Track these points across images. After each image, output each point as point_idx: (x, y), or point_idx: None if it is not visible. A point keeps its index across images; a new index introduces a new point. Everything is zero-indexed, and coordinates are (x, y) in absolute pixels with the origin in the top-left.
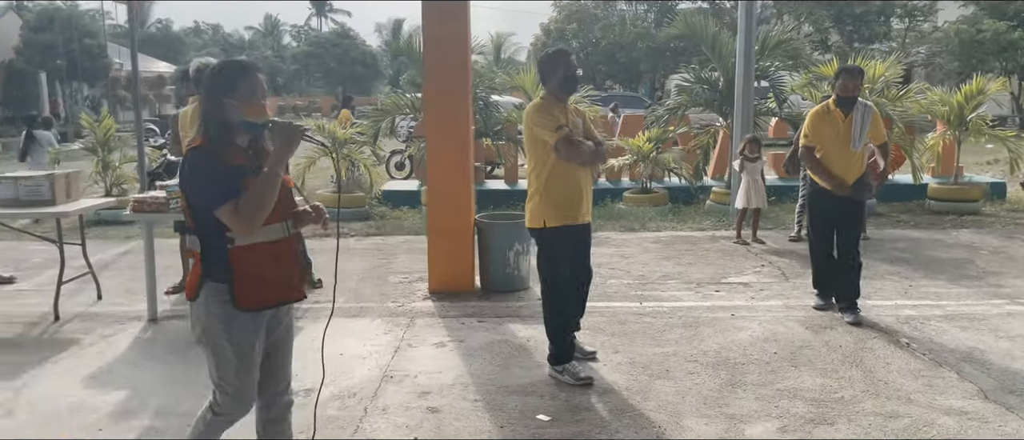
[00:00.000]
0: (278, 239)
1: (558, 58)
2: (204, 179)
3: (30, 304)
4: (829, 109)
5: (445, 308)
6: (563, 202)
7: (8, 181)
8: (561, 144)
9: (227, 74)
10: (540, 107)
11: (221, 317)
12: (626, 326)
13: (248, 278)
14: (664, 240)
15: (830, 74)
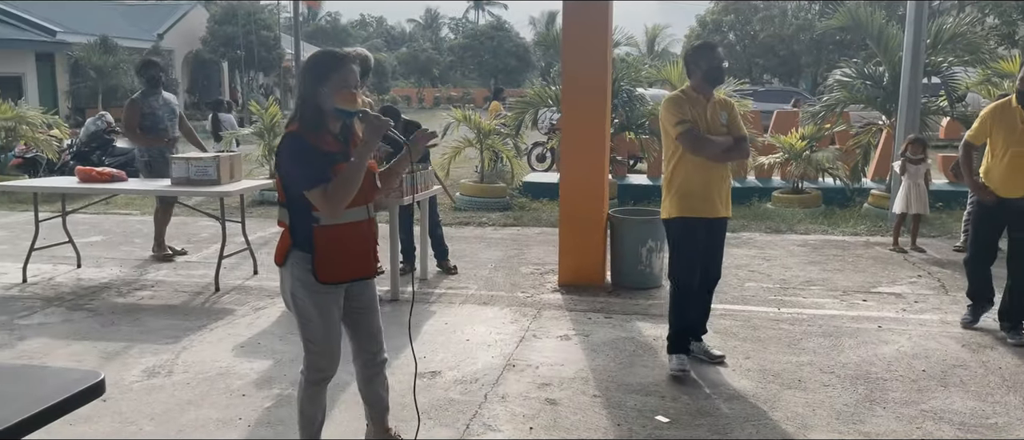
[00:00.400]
0: (359, 220)
1: (703, 51)
2: (296, 162)
3: (196, 275)
4: (1010, 105)
5: (573, 301)
6: (688, 194)
7: (181, 161)
8: (682, 138)
9: (321, 64)
10: (672, 100)
11: (304, 283)
12: (760, 332)
13: (328, 254)
14: (812, 244)
15: (1014, 71)
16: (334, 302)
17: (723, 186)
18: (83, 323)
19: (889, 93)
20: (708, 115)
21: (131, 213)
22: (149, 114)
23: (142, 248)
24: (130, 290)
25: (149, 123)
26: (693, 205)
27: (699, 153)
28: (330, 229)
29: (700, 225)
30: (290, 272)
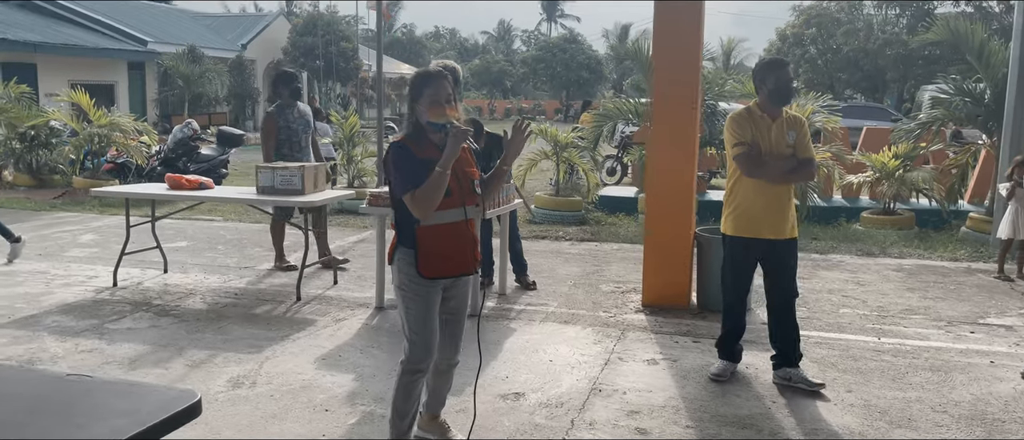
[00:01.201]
0: (456, 221)
1: (770, 68)
2: (396, 168)
3: (277, 283)
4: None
5: (658, 323)
6: (743, 213)
7: (267, 170)
8: (738, 161)
9: (417, 82)
10: (733, 118)
11: (409, 276)
12: (861, 363)
13: (429, 252)
14: (908, 268)
15: None
16: (434, 297)
17: (785, 208)
18: (169, 329)
19: (991, 111)
20: (772, 135)
21: (214, 219)
22: (285, 128)
23: (225, 254)
24: (214, 297)
25: (284, 137)
26: (750, 225)
27: (755, 175)
28: (430, 229)
29: (758, 246)
30: (398, 267)
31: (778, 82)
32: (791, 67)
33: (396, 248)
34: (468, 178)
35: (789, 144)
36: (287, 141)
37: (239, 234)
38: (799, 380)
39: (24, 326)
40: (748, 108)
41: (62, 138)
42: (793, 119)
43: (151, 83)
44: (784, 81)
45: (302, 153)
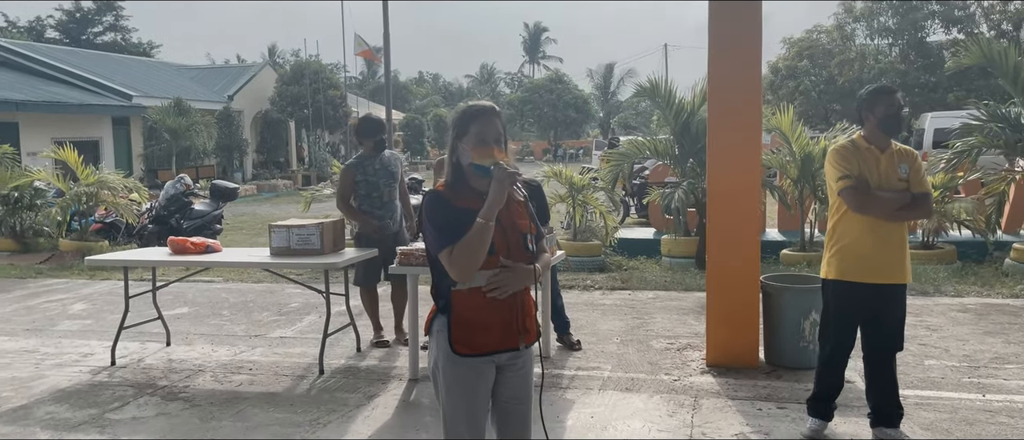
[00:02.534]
0: None
1: (877, 95)
2: (430, 221)
3: (294, 354)
4: None
5: (731, 387)
6: (850, 254)
7: (281, 229)
8: (845, 194)
9: (462, 117)
10: (837, 150)
11: (444, 354)
12: (975, 427)
13: (463, 322)
14: (974, 308)
15: None
16: (476, 382)
17: (898, 248)
18: (180, 417)
19: None
20: (881, 167)
21: (213, 280)
22: (363, 182)
23: (231, 320)
24: (226, 373)
25: (364, 192)
26: (857, 268)
27: (865, 211)
28: (467, 294)
29: (865, 291)
30: (435, 340)
31: (889, 109)
32: (899, 94)
33: (433, 318)
34: (517, 231)
35: (902, 177)
36: (367, 197)
37: (243, 296)
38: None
39: (13, 420)
40: (853, 140)
41: (47, 198)
42: (904, 152)
43: (136, 138)
44: (895, 109)
45: (384, 209)
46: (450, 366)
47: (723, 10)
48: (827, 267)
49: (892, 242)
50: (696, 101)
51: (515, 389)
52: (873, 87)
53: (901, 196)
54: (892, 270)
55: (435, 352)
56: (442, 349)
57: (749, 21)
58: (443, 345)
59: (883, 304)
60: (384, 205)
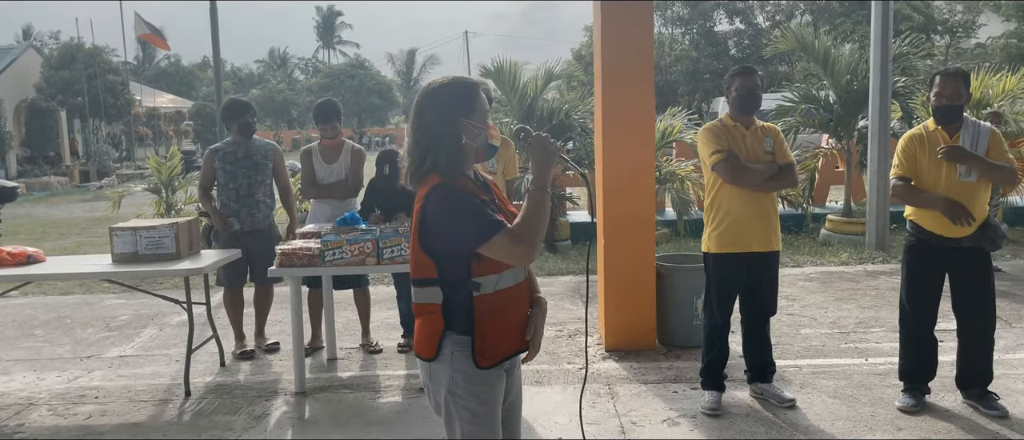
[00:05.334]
0: (519, 282)
1: (732, 77)
2: (461, 215)
3: (143, 374)
4: (926, 130)
5: (639, 371)
6: (730, 227)
7: (126, 233)
8: (718, 168)
9: (463, 92)
10: (707, 130)
11: (467, 375)
12: (875, 391)
13: (491, 330)
14: (817, 277)
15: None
16: (498, 390)
17: (772, 217)
18: None
19: (839, 117)
20: (748, 143)
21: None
22: (222, 170)
23: (50, 341)
24: (66, 405)
25: (222, 181)
26: (738, 239)
27: (737, 182)
28: (493, 297)
29: (742, 260)
30: (450, 364)
31: (740, 90)
32: (759, 75)
33: (443, 337)
34: (513, 218)
35: (767, 151)
36: (224, 187)
37: (55, 312)
38: (771, 396)
39: None
40: (721, 119)
41: None
42: (766, 128)
43: None
44: (745, 89)
45: (241, 203)
46: (472, 386)
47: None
48: (707, 241)
49: (764, 212)
50: (539, 85)
51: (516, 391)
52: (733, 68)
53: (769, 167)
54: (765, 238)
55: (449, 377)
56: (460, 369)
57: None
58: (462, 364)
59: (758, 271)
60: (242, 199)
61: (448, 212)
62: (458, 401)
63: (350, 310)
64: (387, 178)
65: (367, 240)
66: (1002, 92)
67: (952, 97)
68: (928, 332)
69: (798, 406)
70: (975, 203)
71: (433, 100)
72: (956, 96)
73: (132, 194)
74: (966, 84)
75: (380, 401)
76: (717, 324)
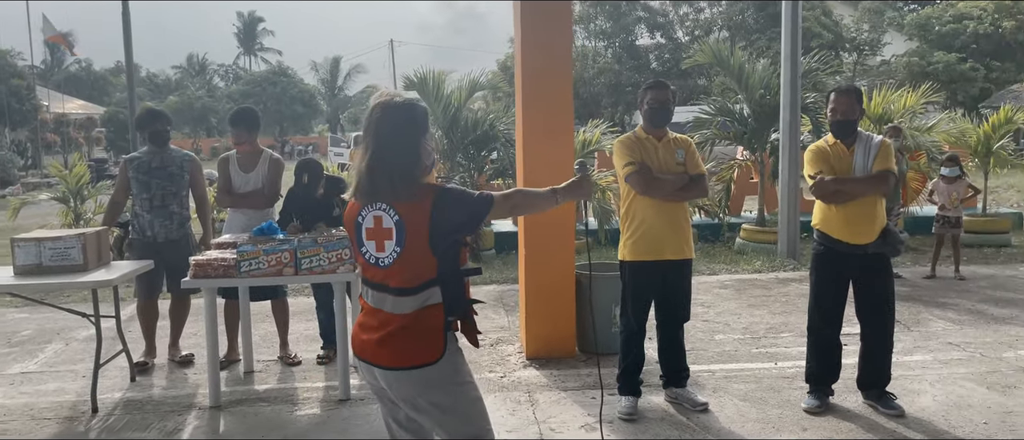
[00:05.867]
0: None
1: (644, 91)
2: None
3: (47, 391)
4: (828, 143)
5: (559, 378)
6: (644, 235)
7: (29, 244)
8: (631, 179)
9: (421, 113)
10: (620, 142)
11: (462, 359)
12: (782, 394)
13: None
14: (731, 284)
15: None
16: None
17: (684, 226)
18: None
19: (752, 130)
20: (660, 154)
21: None
22: (135, 179)
23: None
24: None
25: (135, 191)
26: (652, 247)
27: (649, 193)
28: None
29: (656, 268)
30: (452, 357)
31: (652, 104)
32: (671, 89)
33: (446, 334)
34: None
35: (679, 162)
36: (137, 197)
37: None
38: (685, 400)
39: None
40: (635, 131)
41: None
42: (677, 139)
43: None
44: (656, 103)
45: (154, 214)
46: (466, 367)
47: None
48: (623, 249)
49: (676, 222)
50: (463, 95)
51: None
52: (646, 82)
53: (680, 178)
54: (678, 247)
55: (449, 370)
56: (458, 357)
57: (559, 17)
58: (457, 352)
59: (672, 278)
60: (155, 209)
61: (461, 204)
62: (463, 389)
63: (269, 322)
64: (306, 187)
65: (284, 250)
66: (903, 108)
67: (846, 112)
68: (834, 336)
69: (710, 409)
70: (874, 211)
71: (393, 121)
72: (850, 111)
73: (36, 203)
74: (859, 100)
75: (298, 414)
76: (633, 330)
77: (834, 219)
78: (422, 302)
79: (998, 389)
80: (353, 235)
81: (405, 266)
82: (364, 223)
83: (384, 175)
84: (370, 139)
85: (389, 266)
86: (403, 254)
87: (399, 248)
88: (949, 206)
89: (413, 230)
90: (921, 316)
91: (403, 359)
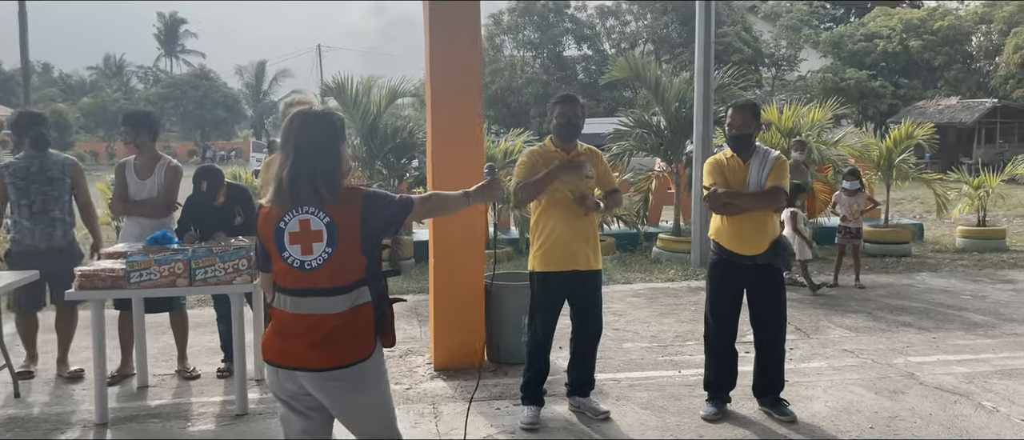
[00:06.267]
0: None
1: (553, 105)
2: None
3: None
4: (725, 156)
5: (465, 389)
6: (553, 246)
7: None
8: (517, 191)
9: (339, 122)
10: (526, 153)
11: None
12: (683, 401)
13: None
14: (644, 293)
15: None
16: None
17: (593, 237)
18: None
19: (669, 142)
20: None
21: None
22: (12, 186)
23: None
24: None
25: (13, 198)
26: (562, 258)
27: (528, 203)
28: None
29: (564, 279)
30: (378, 352)
31: (560, 118)
32: (576, 105)
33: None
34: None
35: (588, 175)
36: (16, 204)
37: None
38: (588, 409)
39: None
40: (543, 143)
41: None
42: (590, 152)
43: None
44: (564, 118)
45: (35, 221)
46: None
47: (442, 10)
48: (533, 259)
49: (584, 233)
50: (383, 103)
51: None
52: (557, 95)
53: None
54: (586, 258)
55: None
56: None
57: (468, 20)
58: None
59: (582, 289)
60: (35, 216)
61: (386, 206)
62: (385, 385)
63: (169, 334)
64: (205, 195)
65: (178, 260)
66: (811, 122)
67: (742, 127)
68: (729, 344)
69: (612, 418)
70: (764, 224)
71: (314, 129)
72: (746, 126)
73: None
74: (755, 115)
75: (190, 429)
76: (539, 340)
77: (726, 230)
78: (354, 301)
79: (886, 394)
80: (271, 241)
81: (337, 266)
82: (288, 228)
83: (308, 181)
84: (292, 147)
85: (318, 268)
86: (335, 255)
87: (330, 249)
88: (850, 217)
89: (345, 232)
90: (821, 324)
91: (340, 358)
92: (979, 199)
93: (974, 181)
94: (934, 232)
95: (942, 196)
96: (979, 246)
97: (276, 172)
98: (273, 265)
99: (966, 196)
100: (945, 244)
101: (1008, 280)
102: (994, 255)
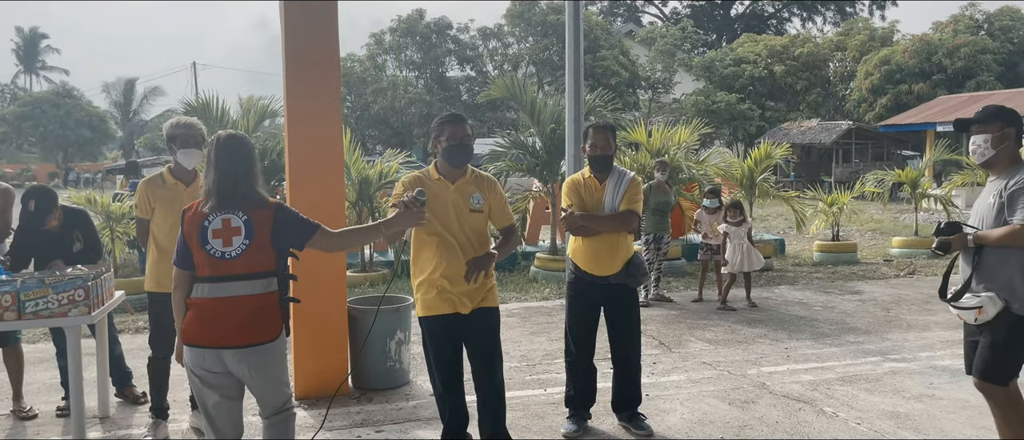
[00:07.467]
0: None
1: (444, 124)
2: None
3: None
4: (583, 177)
5: (327, 419)
6: (434, 286)
7: None
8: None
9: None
10: (403, 179)
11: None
12: (546, 420)
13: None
14: (518, 312)
15: (638, 139)
16: None
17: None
18: None
19: (544, 162)
20: (450, 197)
21: None
22: None
23: None
24: None
25: None
26: (445, 300)
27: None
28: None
29: (448, 322)
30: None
31: (452, 139)
32: (465, 126)
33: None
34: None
35: (474, 209)
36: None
37: None
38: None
39: None
40: (427, 170)
41: None
42: (481, 178)
43: None
44: (455, 140)
45: None
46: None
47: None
48: (419, 305)
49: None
50: (251, 122)
51: None
52: (442, 115)
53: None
54: (477, 294)
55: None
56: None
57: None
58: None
59: (478, 329)
60: None
61: (296, 217)
62: (285, 363)
63: (3, 371)
64: (33, 217)
65: (4, 292)
66: (677, 143)
67: (603, 147)
68: (588, 361)
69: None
70: (617, 245)
71: (236, 147)
72: (606, 146)
73: None
74: (614, 136)
75: None
76: (442, 388)
77: (581, 250)
78: (266, 286)
79: (738, 405)
80: (194, 238)
81: (252, 256)
82: (211, 225)
83: (232, 187)
84: (221, 162)
85: (237, 257)
86: (252, 245)
87: (248, 241)
88: (711, 235)
89: (260, 228)
90: (683, 338)
91: (259, 336)
92: (833, 215)
93: (828, 198)
94: (794, 246)
95: (800, 212)
96: (834, 259)
97: (205, 182)
98: (194, 258)
99: (822, 212)
100: (804, 258)
101: (856, 291)
102: (846, 267)
